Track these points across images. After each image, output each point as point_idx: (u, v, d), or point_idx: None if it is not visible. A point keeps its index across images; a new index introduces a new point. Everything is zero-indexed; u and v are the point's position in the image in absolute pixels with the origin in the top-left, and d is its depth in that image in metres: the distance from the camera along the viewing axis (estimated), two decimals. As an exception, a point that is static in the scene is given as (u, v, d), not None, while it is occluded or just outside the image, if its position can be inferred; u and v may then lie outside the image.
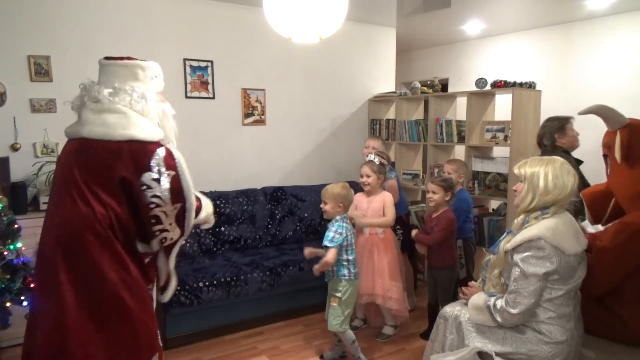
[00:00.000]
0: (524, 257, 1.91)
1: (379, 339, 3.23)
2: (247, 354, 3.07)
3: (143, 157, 1.74)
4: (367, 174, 3.24)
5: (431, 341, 2.32)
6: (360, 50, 4.85)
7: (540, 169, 1.97)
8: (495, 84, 3.74)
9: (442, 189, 3.03)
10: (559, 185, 1.94)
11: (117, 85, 1.82)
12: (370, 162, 3.29)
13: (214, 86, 4.05)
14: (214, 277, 3.17)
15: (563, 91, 4.98)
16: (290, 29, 2.20)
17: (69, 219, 1.71)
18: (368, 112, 4.99)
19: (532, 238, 1.89)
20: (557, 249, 1.88)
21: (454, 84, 6.15)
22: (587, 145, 3.44)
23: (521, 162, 2.07)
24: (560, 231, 1.90)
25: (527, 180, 2.00)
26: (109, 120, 1.76)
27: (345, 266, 2.80)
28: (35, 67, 3.32)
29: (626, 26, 4.50)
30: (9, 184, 3.08)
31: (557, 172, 1.95)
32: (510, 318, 1.93)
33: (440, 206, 3.06)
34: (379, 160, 3.34)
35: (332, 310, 2.79)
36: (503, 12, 4.62)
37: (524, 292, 1.89)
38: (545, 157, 2.04)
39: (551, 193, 1.94)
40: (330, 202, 2.80)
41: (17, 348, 3.04)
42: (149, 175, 1.73)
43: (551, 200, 1.95)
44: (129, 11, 3.61)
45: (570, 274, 1.93)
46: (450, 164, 3.44)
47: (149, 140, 1.78)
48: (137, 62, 1.88)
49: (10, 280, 2.25)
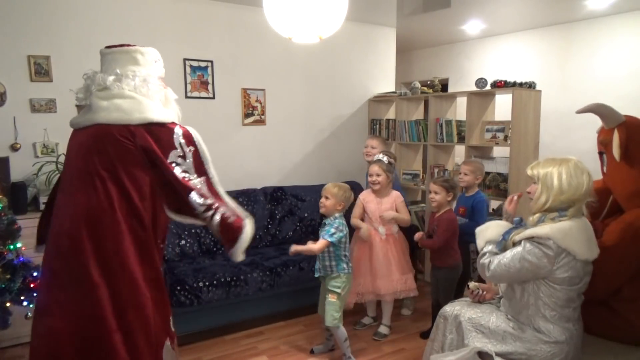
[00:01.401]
0: (529, 248, 1.90)
1: (375, 338, 3.24)
2: (247, 354, 3.07)
3: (165, 137, 1.82)
4: (377, 173, 3.23)
5: (431, 341, 2.32)
6: (360, 50, 4.86)
7: (553, 169, 1.95)
8: (495, 84, 3.74)
9: (444, 189, 3.02)
10: (574, 185, 1.91)
11: (118, 71, 1.86)
12: (380, 161, 3.28)
13: (214, 86, 4.05)
14: (214, 277, 3.17)
15: (563, 91, 4.98)
16: (290, 29, 2.20)
17: (91, 205, 1.75)
18: (368, 112, 4.99)
19: (542, 236, 1.88)
20: (567, 252, 1.86)
21: (454, 84, 6.15)
22: (587, 145, 3.45)
23: (534, 163, 2.05)
24: (573, 235, 1.88)
25: (540, 180, 1.97)
26: (123, 105, 1.80)
27: (343, 261, 2.85)
28: (35, 67, 3.32)
29: (626, 26, 4.50)
30: (9, 184, 3.08)
31: (571, 171, 1.92)
32: (481, 272, 2.08)
33: (442, 207, 3.06)
34: (387, 159, 3.32)
35: (330, 306, 2.81)
36: (503, 12, 4.62)
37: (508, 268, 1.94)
38: (557, 157, 2.01)
39: (566, 193, 1.91)
40: (332, 199, 2.83)
41: (17, 348, 3.05)
42: (175, 153, 1.82)
43: (566, 200, 1.92)
44: (129, 11, 3.62)
45: (578, 279, 1.92)
46: (468, 165, 3.39)
47: (164, 121, 1.85)
48: (136, 48, 1.93)
49: (10, 280, 2.25)
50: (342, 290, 2.83)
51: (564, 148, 4.89)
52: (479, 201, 3.27)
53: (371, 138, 3.96)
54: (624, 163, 2.17)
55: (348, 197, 2.88)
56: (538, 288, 1.94)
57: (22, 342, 3.07)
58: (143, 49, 1.95)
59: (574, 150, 4.68)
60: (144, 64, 1.92)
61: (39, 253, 1.97)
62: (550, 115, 4.84)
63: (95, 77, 1.86)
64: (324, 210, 2.88)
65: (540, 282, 1.93)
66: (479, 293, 2.26)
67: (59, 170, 3.18)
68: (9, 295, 2.25)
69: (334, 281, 2.84)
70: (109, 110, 1.80)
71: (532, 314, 1.97)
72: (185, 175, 1.83)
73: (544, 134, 4.17)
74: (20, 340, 3.07)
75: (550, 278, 1.90)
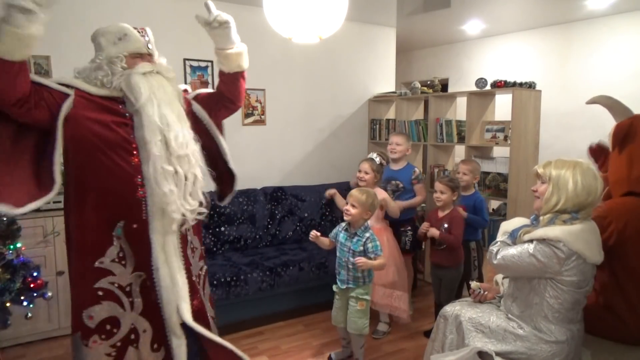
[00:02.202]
0: (540, 247, 1.89)
1: (375, 337, 3.24)
2: (247, 354, 3.02)
3: None
4: (365, 171, 3.27)
5: (431, 341, 2.32)
6: (360, 50, 4.85)
7: (567, 172, 1.92)
8: (495, 84, 3.74)
9: (449, 189, 3.03)
10: (587, 190, 1.90)
11: (88, 62, 1.88)
12: (371, 160, 3.30)
13: (214, 86, 4.04)
14: (214, 277, 3.17)
15: (563, 91, 4.98)
16: (290, 29, 2.20)
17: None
18: (368, 112, 4.99)
19: (552, 239, 1.87)
20: (577, 255, 1.85)
21: (454, 84, 6.15)
22: (587, 144, 3.44)
23: (545, 163, 2.03)
24: (585, 238, 1.87)
25: (552, 181, 1.95)
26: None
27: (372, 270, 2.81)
28: (35, 67, 3.32)
29: (626, 26, 4.50)
30: (9, 184, 3.07)
31: (585, 176, 1.91)
32: (489, 257, 2.12)
33: (447, 206, 3.06)
34: (379, 160, 3.36)
35: (360, 314, 2.76)
36: (503, 12, 4.62)
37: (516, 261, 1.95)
38: (569, 160, 1.98)
39: (580, 197, 1.90)
40: (359, 208, 2.72)
41: (17, 348, 3.05)
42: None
43: (578, 204, 1.91)
44: (129, 11, 3.62)
45: (585, 282, 1.92)
46: (466, 164, 3.40)
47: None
48: (96, 30, 1.91)
49: (10, 280, 2.25)
50: (370, 297, 2.80)
51: (564, 148, 4.90)
52: (481, 200, 3.32)
53: (396, 135, 3.80)
54: (617, 152, 2.25)
55: (375, 205, 2.78)
56: (545, 289, 1.93)
57: (22, 342, 3.08)
58: (102, 29, 1.90)
59: (574, 150, 4.69)
60: (106, 46, 1.88)
61: None
62: (550, 115, 4.85)
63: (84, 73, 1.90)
64: (349, 219, 2.76)
65: (547, 283, 1.92)
66: (480, 293, 2.26)
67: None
68: (9, 295, 2.24)
69: (364, 290, 2.78)
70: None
71: (534, 313, 1.97)
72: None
73: (544, 134, 4.17)
74: (20, 340, 3.07)
75: (557, 279, 1.90)
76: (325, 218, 4.23)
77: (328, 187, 3.97)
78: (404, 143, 3.65)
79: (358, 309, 2.75)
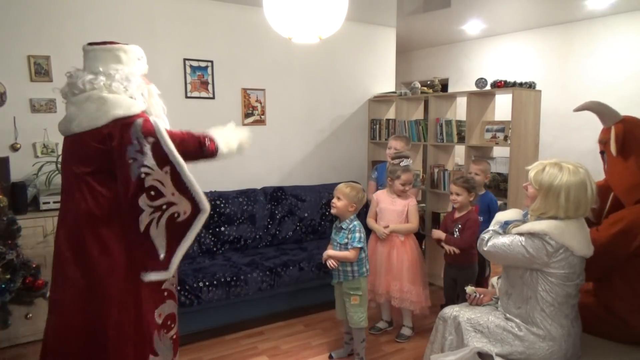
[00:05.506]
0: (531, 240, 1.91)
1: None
2: (247, 354, 3.07)
3: (127, 132, 1.82)
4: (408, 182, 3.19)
5: (431, 342, 2.32)
6: (360, 50, 4.85)
7: (560, 184, 1.89)
8: (495, 84, 3.73)
9: (465, 190, 3.01)
10: (577, 205, 1.90)
11: (101, 69, 1.89)
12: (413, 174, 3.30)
13: (214, 86, 4.05)
14: (214, 277, 3.17)
15: (563, 91, 4.98)
16: (290, 29, 2.20)
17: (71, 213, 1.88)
18: (368, 112, 4.99)
19: (539, 232, 1.89)
20: (565, 248, 1.88)
21: (454, 84, 6.15)
22: (587, 145, 3.45)
23: (537, 168, 1.99)
24: (570, 231, 1.89)
25: (542, 190, 1.94)
26: (91, 110, 1.84)
27: (364, 264, 2.83)
28: (35, 67, 3.32)
29: (626, 26, 4.50)
30: (9, 184, 3.07)
31: (578, 190, 1.89)
32: (479, 244, 2.15)
33: (464, 207, 3.05)
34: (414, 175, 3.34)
35: (355, 308, 2.80)
36: (503, 12, 4.62)
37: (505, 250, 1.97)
38: (563, 166, 1.93)
39: (569, 211, 1.90)
40: (344, 200, 2.77)
41: (17, 348, 3.05)
42: (132, 148, 1.80)
43: (565, 215, 1.91)
44: (129, 11, 3.62)
45: (575, 275, 1.93)
46: (477, 164, 3.38)
47: (130, 114, 1.85)
48: (119, 46, 1.96)
49: (10, 280, 2.25)
50: (363, 292, 2.81)
51: (564, 148, 4.90)
52: (494, 201, 3.32)
53: (395, 139, 3.74)
54: (621, 158, 2.20)
55: (360, 199, 2.80)
56: (537, 282, 1.95)
57: (22, 342, 3.07)
58: (126, 46, 1.98)
59: (574, 150, 4.69)
60: (127, 62, 1.96)
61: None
62: (550, 116, 4.85)
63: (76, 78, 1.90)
64: (335, 211, 2.81)
65: (539, 276, 1.94)
66: (477, 297, 2.27)
67: (59, 170, 3.19)
68: (9, 295, 2.24)
69: (354, 284, 2.80)
70: (80, 117, 1.86)
71: (530, 308, 1.98)
72: (142, 170, 1.79)
73: (544, 134, 4.17)
74: (20, 340, 3.07)
75: (546, 272, 1.92)
76: (325, 218, 4.23)
77: (328, 187, 3.96)
78: (403, 148, 3.64)
79: (352, 303, 2.81)
